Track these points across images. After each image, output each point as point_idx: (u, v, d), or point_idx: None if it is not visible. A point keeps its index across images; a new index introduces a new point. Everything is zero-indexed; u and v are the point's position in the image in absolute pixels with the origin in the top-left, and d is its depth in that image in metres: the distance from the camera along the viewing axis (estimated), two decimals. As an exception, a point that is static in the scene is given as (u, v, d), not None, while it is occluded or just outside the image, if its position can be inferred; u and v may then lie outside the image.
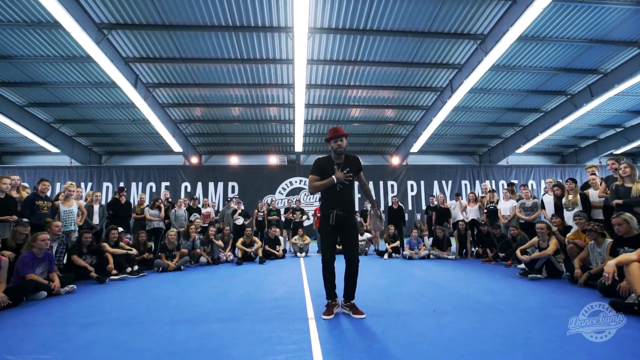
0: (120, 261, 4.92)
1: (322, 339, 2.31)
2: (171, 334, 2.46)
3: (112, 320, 2.82)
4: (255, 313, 2.99)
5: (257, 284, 4.42)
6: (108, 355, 2.10)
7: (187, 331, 2.53)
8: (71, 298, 3.68)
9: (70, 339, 2.38)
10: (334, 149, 2.97)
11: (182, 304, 3.36)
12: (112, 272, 4.70)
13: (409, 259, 6.69)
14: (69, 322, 2.79)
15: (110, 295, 3.84)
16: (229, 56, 8.93)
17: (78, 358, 2.04)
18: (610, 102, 11.16)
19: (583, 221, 4.21)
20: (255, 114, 12.16)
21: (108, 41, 8.13)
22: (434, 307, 3.05)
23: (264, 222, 8.21)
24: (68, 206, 4.95)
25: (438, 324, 2.61)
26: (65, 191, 5.00)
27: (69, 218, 4.88)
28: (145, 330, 2.56)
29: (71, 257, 4.49)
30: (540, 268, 4.27)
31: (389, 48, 8.74)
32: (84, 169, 13.69)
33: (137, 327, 2.63)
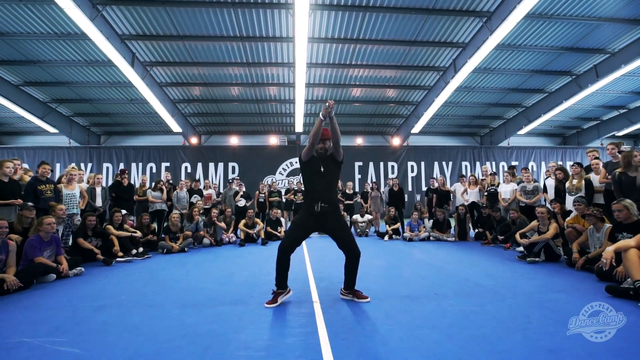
0: (125, 243, 5.00)
1: (327, 322, 2.39)
2: (181, 317, 2.54)
3: (123, 303, 2.90)
4: (261, 296, 3.07)
5: (260, 266, 4.51)
6: (122, 338, 2.17)
7: (196, 314, 2.60)
8: (80, 280, 3.76)
9: (83, 322, 2.45)
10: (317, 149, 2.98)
11: (189, 287, 3.45)
12: (118, 254, 4.78)
13: (409, 240, 6.80)
14: (79, 305, 2.87)
15: (118, 277, 3.92)
16: (228, 34, 8.67)
17: (94, 341, 2.11)
18: (615, 82, 10.98)
19: (582, 206, 4.25)
20: (255, 94, 11.95)
21: (103, 17, 7.85)
22: (435, 291, 3.14)
23: (265, 203, 8.26)
24: (70, 190, 4.96)
25: (439, 307, 2.68)
26: (67, 175, 4.99)
27: (71, 201, 4.90)
28: (156, 313, 2.63)
29: (77, 240, 4.55)
30: (538, 251, 4.36)
31: (392, 26, 8.47)
32: (83, 150, 13.60)
33: (147, 310, 2.71)
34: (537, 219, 4.68)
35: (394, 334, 2.16)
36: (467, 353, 1.88)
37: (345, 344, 2.02)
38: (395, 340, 2.07)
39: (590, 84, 10.42)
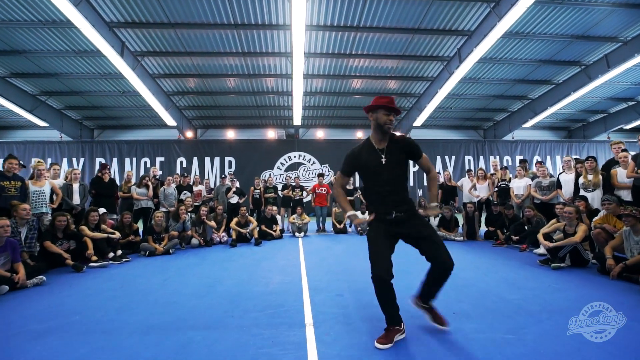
0: (102, 246, 4.41)
1: (321, 356, 1.82)
2: (137, 348, 1.96)
3: (72, 326, 2.32)
4: (244, 315, 2.50)
5: (250, 272, 3.93)
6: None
7: (158, 343, 2.03)
8: (37, 293, 3.18)
9: (12, 357, 1.88)
10: (380, 126, 2.13)
11: (160, 301, 2.87)
12: (91, 259, 4.20)
13: (414, 240, 6.18)
14: (19, 329, 2.29)
15: (83, 288, 3.34)
16: (222, 21, 8.02)
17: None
18: (626, 73, 10.32)
19: (613, 205, 3.66)
20: (252, 86, 11.30)
21: (88, 3, 7.21)
22: (452, 309, 2.56)
23: (260, 199, 7.67)
24: (39, 186, 4.37)
25: (462, 334, 2.11)
26: (35, 170, 4.39)
27: (39, 199, 4.32)
28: (108, 342, 2.06)
29: (43, 243, 3.97)
30: (563, 256, 3.77)
31: (394, 12, 7.82)
32: (75, 144, 12.98)
33: (99, 338, 2.13)
34: (559, 218, 4.09)
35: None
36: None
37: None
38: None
39: (600, 75, 9.76)
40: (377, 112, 2.14)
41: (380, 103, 2.12)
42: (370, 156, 2.17)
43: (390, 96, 2.19)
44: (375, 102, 2.15)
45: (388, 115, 2.11)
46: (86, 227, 4.45)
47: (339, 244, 6.04)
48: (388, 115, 2.11)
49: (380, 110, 2.12)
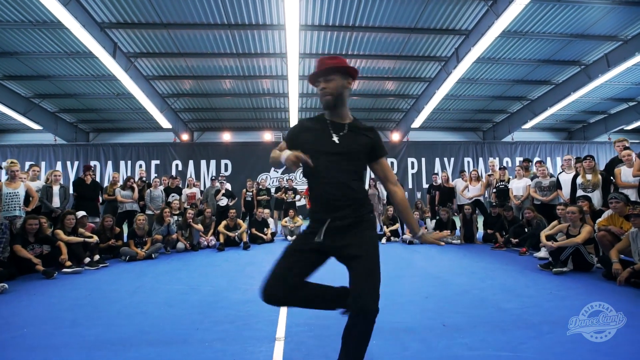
0: (78, 251, 4.16)
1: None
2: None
3: (16, 341, 2.06)
4: (211, 327, 2.23)
5: (231, 278, 3.67)
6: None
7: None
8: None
9: None
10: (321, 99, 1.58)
11: (125, 312, 2.60)
12: (65, 264, 3.95)
13: (409, 243, 5.90)
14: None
15: (47, 296, 3.08)
16: (215, 21, 7.85)
17: None
18: (626, 73, 10.07)
19: (621, 204, 3.39)
20: (248, 87, 11.12)
21: (78, 3, 7.05)
22: (443, 319, 2.28)
23: (253, 202, 7.41)
24: (13, 188, 4.14)
25: (451, 350, 1.84)
26: (8, 171, 4.16)
27: (12, 202, 4.08)
28: (66, 356, 1.80)
29: (13, 247, 3.73)
30: (566, 259, 3.49)
31: (390, 11, 7.63)
32: (69, 147, 12.80)
33: (38, 355, 1.87)
34: (561, 220, 3.82)
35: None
36: None
37: None
38: None
39: (600, 74, 9.52)
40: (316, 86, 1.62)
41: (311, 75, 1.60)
42: (321, 132, 1.56)
43: (326, 57, 1.60)
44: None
45: (318, 84, 1.58)
46: (61, 231, 4.20)
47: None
48: (317, 83, 1.58)
49: (315, 83, 1.60)
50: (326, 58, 1.60)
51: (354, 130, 1.56)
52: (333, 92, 1.53)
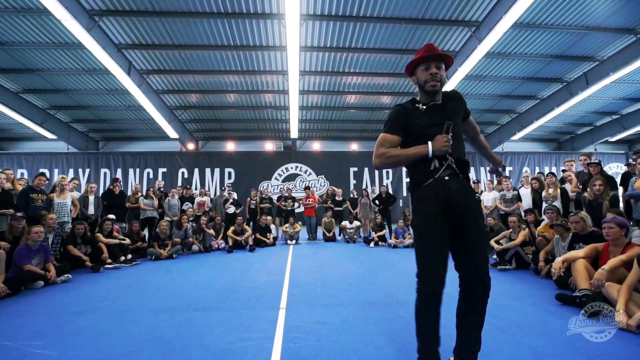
0: (114, 250, 5.23)
1: (286, 328, 2.59)
2: (154, 322, 2.75)
3: (103, 309, 3.12)
4: (234, 302, 3.28)
5: (242, 273, 4.72)
6: (95, 341, 2.39)
7: (168, 319, 2.82)
8: (67, 287, 3.99)
9: (63, 327, 2.67)
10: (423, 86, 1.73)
11: (168, 293, 3.66)
12: (106, 261, 5.01)
13: (393, 247, 7.00)
14: (62, 310, 3.10)
15: (104, 284, 4.15)
16: (222, 43, 8.95)
17: (69, 345, 2.33)
18: (606, 89, 11.14)
19: (554, 215, 4.43)
20: (251, 101, 12.21)
21: (99, 28, 8.14)
22: (398, 298, 3.33)
23: (256, 210, 8.48)
24: (62, 199, 5.21)
25: (395, 314, 2.89)
26: (59, 185, 5.24)
27: (62, 210, 5.15)
28: (132, 318, 2.85)
29: (67, 247, 4.79)
30: (510, 259, 4.53)
31: (383, 35, 8.71)
32: (81, 155, 13.91)
33: (124, 316, 2.92)
34: (510, 227, 4.87)
35: (342, 339, 2.37)
36: (401, 354, 2.08)
37: (295, 348, 2.23)
38: (342, 345, 2.28)
39: (580, 91, 10.60)
40: (416, 72, 1.74)
41: (416, 58, 1.71)
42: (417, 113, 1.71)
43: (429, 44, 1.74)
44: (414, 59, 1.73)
45: (428, 70, 1.67)
46: (101, 234, 5.26)
47: (326, 251, 6.83)
48: (428, 69, 1.67)
49: (418, 68, 1.72)
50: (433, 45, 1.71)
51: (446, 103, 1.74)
52: (442, 79, 1.67)
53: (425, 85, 1.69)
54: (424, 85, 1.70)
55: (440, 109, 1.72)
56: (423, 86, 1.72)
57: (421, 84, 1.73)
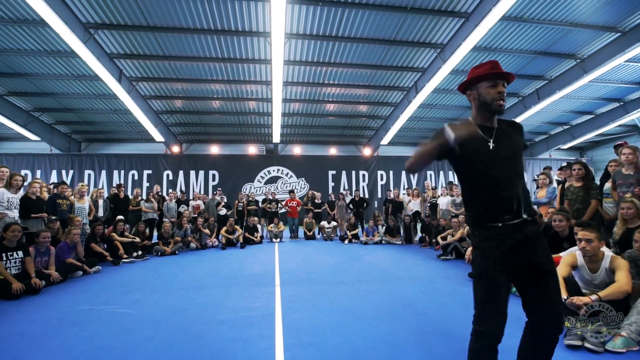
0: (127, 247, 6.39)
1: (282, 297, 3.96)
2: (187, 295, 4.05)
3: (142, 289, 4.37)
4: (240, 283, 4.62)
5: (239, 264, 6.03)
6: (150, 307, 3.65)
7: (197, 293, 4.12)
8: (100, 276, 5.17)
9: (121, 298, 3.92)
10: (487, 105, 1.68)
11: (186, 278, 4.94)
12: (123, 257, 6.17)
13: (364, 244, 8.53)
14: (113, 290, 4.32)
15: (129, 273, 5.35)
16: (211, 55, 10.03)
17: (134, 308, 3.59)
18: (556, 103, 13.11)
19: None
20: (235, 107, 13.34)
21: (94, 39, 9.00)
22: (361, 278, 4.77)
23: (244, 211, 9.75)
24: (82, 203, 6.32)
25: (357, 289, 4.32)
26: (78, 192, 6.34)
27: (82, 213, 6.27)
28: (169, 293, 4.13)
29: (90, 245, 5.91)
30: (451, 251, 6.10)
31: (359, 52, 10.11)
32: (64, 157, 14.54)
33: (162, 292, 4.19)
34: (453, 226, 6.46)
35: (320, 301, 3.77)
36: (359, 310, 3.50)
37: (289, 306, 3.61)
38: (320, 304, 3.67)
39: (533, 105, 12.52)
40: (477, 88, 1.69)
41: (479, 73, 1.66)
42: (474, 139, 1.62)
43: (492, 61, 1.71)
44: (472, 74, 1.70)
45: (495, 87, 1.63)
46: (115, 234, 6.41)
47: (307, 247, 8.23)
48: (495, 86, 1.63)
49: (482, 84, 1.66)
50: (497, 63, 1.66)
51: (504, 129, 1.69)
52: (505, 99, 1.63)
53: (493, 104, 1.64)
54: (491, 103, 1.65)
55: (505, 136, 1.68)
56: (489, 104, 1.65)
57: (486, 101, 1.66)
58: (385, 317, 3.22)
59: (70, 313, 3.44)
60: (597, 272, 2.89)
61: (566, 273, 2.95)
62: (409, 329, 2.91)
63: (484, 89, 1.66)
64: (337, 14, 8.38)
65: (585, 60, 10.12)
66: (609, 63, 9.55)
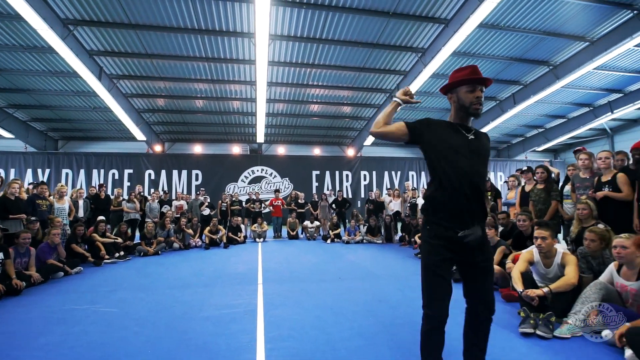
0: (109, 248, 6.41)
1: (264, 294, 4.15)
2: (172, 294, 4.19)
3: (128, 288, 4.47)
4: (223, 281, 4.78)
5: (223, 264, 6.17)
6: (136, 304, 3.78)
7: (181, 292, 4.26)
8: (82, 277, 5.22)
9: (107, 297, 4.02)
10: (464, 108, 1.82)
11: (170, 278, 5.05)
12: (104, 257, 6.19)
13: (346, 243, 8.79)
14: (98, 289, 4.41)
15: (111, 273, 5.41)
16: (194, 55, 10.08)
17: (119, 307, 3.70)
18: (531, 107, 13.75)
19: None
20: (219, 106, 13.38)
21: (73, 36, 8.88)
22: (340, 276, 5.01)
23: (227, 211, 9.84)
24: (61, 204, 6.30)
25: (337, 286, 4.55)
26: (58, 192, 6.32)
27: (61, 214, 6.24)
28: (154, 292, 4.25)
29: (70, 246, 5.91)
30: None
31: (343, 55, 10.37)
32: (40, 155, 14.20)
33: (148, 291, 4.31)
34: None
35: (301, 297, 3.98)
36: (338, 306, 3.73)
37: (271, 302, 3.80)
38: (300, 299, 3.88)
39: (509, 109, 13.10)
40: (457, 91, 1.81)
41: (459, 77, 1.78)
42: (453, 132, 1.79)
43: (472, 65, 1.80)
44: (453, 78, 1.81)
45: (473, 92, 1.75)
46: (96, 234, 6.42)
47: (290, 247, 8.43)
48: (473, 91, 1.75)
49: (461, 88, 1.78)
50: (477, 68, 1.75)
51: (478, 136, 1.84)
52: (482, 103, 1.78)
53: (470, 107, 1.77)
54: (469, 107, 1.77)
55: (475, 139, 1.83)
56: (467, 107, 1.78)
57: (464, 105, 1.78)
58: (361, 312, 3.46)
59: (54, 312, 3.53)
60: (550, 267, 3.22)
61: (524, 268, 3.27)
62: (382, 322, 3.16)
63: (462, 93, 1.78)
64: (321, 17, 8.60)
65: (557, 67, 10.73)
66: (579, 70, 10.18)
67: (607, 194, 3.85)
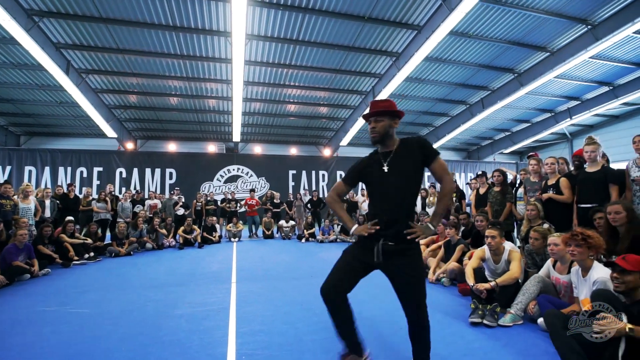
0: (78, 249, 6.33)
1: (238, 292, 4.32)
2: (145, 293, 4.27)
3: (99, 289, 4.50)
4: (198, 280, 4.90)
5: (197, 263, 6.26)
6: (109, 304, 3.85)
7: (155, 291, 4.35)
8: (50, 279, 5.17)
9: (78, 298, 4.05)
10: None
11: (144, 277, 5.12)
12: (73, 259, 6.12)
13: (320, 242, 9.04)
14: (68, 290, 4.42)
15: (81, 275, 5.39)
16: (169, 52, 9.98)
17: (90, 307, 3.76)
18: (499, 112, 14.52)
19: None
20: (194, 104, 13.27)
21: (39, 27, 8.57)
22: (311, 274, 5.25)
23: (202, 211, 9.85)
24: (26, 204, 6.16)
25: (308, 284, 4.78)
26: (22, 192, 6.17)
27: (27, 214, 6.10)
28: (126, 292, 4.32)
29: (37, 247, 5.80)
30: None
31: (320, 56, 10.59)
32: (0, 152, 13.52)
33: (119, 291, 4.36)
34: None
35: (273, 295, 4.18)
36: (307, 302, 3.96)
37: (244, 301, 3.98)
38: (272, 296, 4.08)
39: (478, 113, 13.78)
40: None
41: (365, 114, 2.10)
42: (373, 163, 2.10)
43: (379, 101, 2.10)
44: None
45: (370, 124, 2.05)
46: (64, 235, 6.32)
47: (265, 246, 8.58)
48: (370, 124, 2.06)
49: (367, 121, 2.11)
50: (379, 101, 2.01)
51: (400, 153, 2.02)
52: (380, 131, 2.02)
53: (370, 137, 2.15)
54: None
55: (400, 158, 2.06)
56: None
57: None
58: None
59: (23, 314, 3.55)
60: (499, 263, 3.60)
61: (476, 264, 3.63)
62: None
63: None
64: (298, 19, 8.78)
65: (522, 75, 11.44)
66: (541, 78, 10.92)
67: (551, 197, 4.30)
